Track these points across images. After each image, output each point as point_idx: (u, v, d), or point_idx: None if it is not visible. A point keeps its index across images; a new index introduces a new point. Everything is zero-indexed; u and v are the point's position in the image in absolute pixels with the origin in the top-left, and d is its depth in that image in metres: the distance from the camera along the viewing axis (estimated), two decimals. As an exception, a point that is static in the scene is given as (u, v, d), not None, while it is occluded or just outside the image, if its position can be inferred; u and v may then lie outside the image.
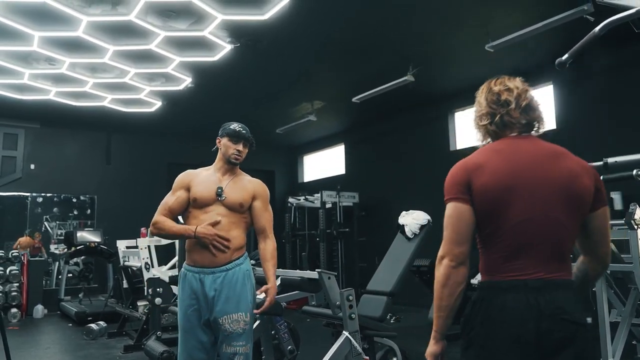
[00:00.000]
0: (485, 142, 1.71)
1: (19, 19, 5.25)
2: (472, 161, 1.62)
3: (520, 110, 1.66)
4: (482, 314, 1.50)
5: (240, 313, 2.51)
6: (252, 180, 2.74)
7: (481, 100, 1.74)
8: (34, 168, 9.19)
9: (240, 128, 2.67)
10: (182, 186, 2.62)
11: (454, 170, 1.63)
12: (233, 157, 2.63)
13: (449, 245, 1.54)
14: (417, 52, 6.42)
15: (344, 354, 2.67)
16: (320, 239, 8.93)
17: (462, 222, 1.54)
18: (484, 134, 1.71)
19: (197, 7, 5.02)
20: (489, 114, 1.68)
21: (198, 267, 2.53)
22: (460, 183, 1.58)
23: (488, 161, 1.58)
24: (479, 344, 1.50)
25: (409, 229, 3.64)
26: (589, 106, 6.47)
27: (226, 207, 2.56)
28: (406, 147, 9.15)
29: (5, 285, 7.89)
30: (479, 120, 1.71)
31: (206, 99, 7.99)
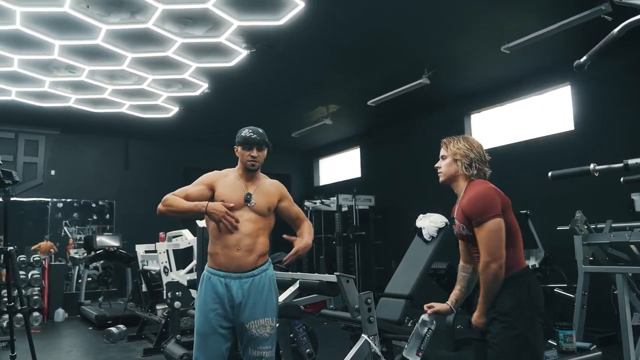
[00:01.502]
0: (470, 174, 2.31)
1: (41, 29, 5.37)
2: (494, 187, 2.25)
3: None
4: (532, 290, 2.16)
5: (267, 318, 2.54)
6: (273, 183, 2.77)
7: (480, 151, 2.37)
8: (55, 174, 9.36)
9: (250, 133, 2.65)
10: (207, 183, 2.64)
11: (491, 192, 2.20)
12: (249, 164, 2.64)
13: (498, 252, 2.10)
14: (432, 55, 6.40)
15: (363, 357, 2.67)
16: (337, 242, 8.94)
17: (503, 233, 2.13)
18: (475, 171, 2.31)
19: (214, 14, 5.08)
20: (485, 162, 2.35)
21: (223, 271, 2.54)
22: (498, 203, 2.16)
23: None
24: (531, 313, 2.09)
25: (426, 232, 3.63)
26: (608, 107, 6.38)
27: (255, 212, 2.59)
28: (422, 150, 9.07)
29: (28, 289, 8.03)
30: (481, 164, 2.33)
31: (222, 104, 8.07)
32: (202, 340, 2.54)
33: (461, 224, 2.29)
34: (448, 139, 2.46)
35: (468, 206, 2.22)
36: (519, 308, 2.10)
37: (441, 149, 2.48)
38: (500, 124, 7.98)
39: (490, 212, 2.13)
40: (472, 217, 2.19)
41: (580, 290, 4.27)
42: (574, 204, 4.75)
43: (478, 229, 2.17)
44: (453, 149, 2.37)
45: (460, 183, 2.37)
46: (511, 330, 2.07)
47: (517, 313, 2.08)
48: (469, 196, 2.25)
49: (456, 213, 2.35)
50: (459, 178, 2.36)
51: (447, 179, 2.40)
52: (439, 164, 2.46)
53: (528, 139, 7.32)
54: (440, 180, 2.45)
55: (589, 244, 4.29)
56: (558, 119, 7.02)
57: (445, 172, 2.40)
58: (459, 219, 2.31)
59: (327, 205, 9.49)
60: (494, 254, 2.10)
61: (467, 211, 2.22)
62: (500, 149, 7.70)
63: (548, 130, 7.10)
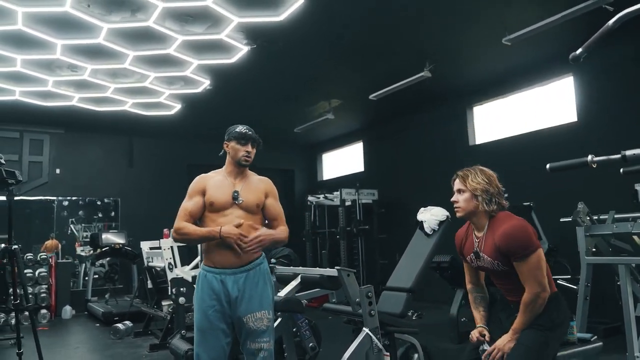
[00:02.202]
0: (491, 209, 2.34)
1: (43, 28, 5.39)
2: (522, 219, 2.32)
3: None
4: (562, 312, 2.33)
5: (263, 311, 2.58)
6: (262, 179, 2.82)
7: (498, 184, 2.39)
8: (60, 172, 9.41)
9: (246, 130, 2.73)
10: (198, 191, 2.67)
11: (526, 225, 2.28)
12: (243, 159, 2.69)
13: (544, 281, 2.21)
14: (433, 48, 6.39)
15: (364, 351, 2.69)
16: (341, 236, 8.96)
17: (544, 261, 2.25)
18: (496, 206, 2.34)
19: (214, 11, 5.09)
20: (502, 194, 2.38)
21: (218, 268, 2.58)
22: (534, 232, 2.26)
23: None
24: (562, 329, 2.33)
25: (427, 225, 3.64)
26: (611, 97, 6.35)
27: (244, 209, 2.63)
28: (425, 143, 9.11)
29: (35, 287, 8.11)
30: (500, 198, 2.36)
31: (224, 100, 8.09)
32: (202, 336, 2.59)
33: (496, 261, 2.31)
34: (464, 171, 2.44)
35: (506, 244, 2.23)
36: (553, 328, 2.25)
37: (456, 181, 2.45)
38: (503, 116, 7.96)
39: (531, 245, 2.20)
40: (513, 253, 2.22)
41: (583, 281, 4.28)
42: (577, 196, 4.75)
43: (521, 262, 2.21)
44: (472, 184, 2.35)
45: (481, 218, 2.38)
46: (544, 343, 2.21)
47: (551, 332, 2.24)
48: (503, 233, 2.25)
49: (485, 249, 2.35)
50: (479, 214, 2.37)
51: (465, 214, 2.41)
52: (456, 198, 2.43)
53: (531, 131, 7.30)
54: (458, 215, 2.45)
55: (592, 235, 4.29)
56: (561, 111, 7.00)
57: (464, 208, 2.39)
58: (491, 256, 2.32)
59: (331, 200, 9.50)
60: (542, 284, 2.21)
61: (505, 247, 2.24)
62: (503, 141, 7.69)
63: (551, 122, 7.07)
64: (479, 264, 2.41)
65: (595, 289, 4.84)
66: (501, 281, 2.41)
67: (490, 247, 2.31)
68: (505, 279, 2.36)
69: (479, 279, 2.58)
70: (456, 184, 2.44)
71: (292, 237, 9.28)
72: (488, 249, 2.32)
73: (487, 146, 7.98)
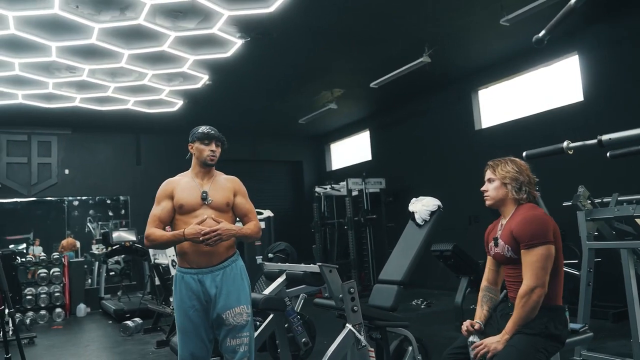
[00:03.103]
0: (520, 197, 2.29)
1: (35, 31, 5.42)
2: (547, 214, 2.24)
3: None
4: (563, 326, 2.22)
5: (242, 306, 2.59)
6: (229, 178, 2.81)
7: (529, 174, 2.34)
8: (69, 173, 9.51)
9: (209, 129, 2.74)
10: (166, 196, 2.67)
11: (547, 218, 2.20)
12: (209, 159, 2.69)
13: (544, 278, 2.12)
14: (431, 32, 6.25)
15: (347, 347, 2.66)
16: (349, 227, 8.91)
17: (552, 261, 2.15)
18: (525, 195, 2.29)
19: (202, 5, 5.04)
20: (534, 184, 2.32)
21: (195, 268, 2.59)
22: (551, 230, 2.16)
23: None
24: (555, 342, 2.19)
25: (418, 216, 3.57)
26: (618, 75, 6.13)
27: (213, 209, 2.64)
28: (431, 129, 8.98)
29: (50, 287, 8.26)
30: (530, 187, 2.31)
31: (225, 94, 8.06)
32: (185, 337, 2.61)
33: (507, 245, 2.27)
34: (494, 161, 2.42)
35: (519, 228, 2.21)
36: (547, 336, 2.15)
37: (487, 172, 2.44)
38: (509, 99, 7.78)
39: (543, 237, 2.14)
40: (522, 239, 2.18)
41: (586, 267, 4.16)
42: (586, 178, 4.61)
43: (527, 251, 2.17)
44: (502, 172, 2.34)
45: (509, 207, 2.36)
46: (536, 350, 2.11)
47: (543, 340, 2.13)
48: (521, 218, 2.23)
49: (502, 234, 2.33)
50: (507, 202, 2.35)
51: (495, 202, 2.38)
52: (486, 187, 2.42)
53: (537, 113, 7.12)
54: (487, 204, 2.42)
55: (594, 220, 4.16)
56: (568, 91, 6.80)
57: (493, 196, 2.37)
58: (505, 240, 2.29)
59: (338, 190, 9.45)
60: (542, 279, 2.12)
61: (517, 233, 2.21)
62: (510, 124, 7.52)
63: (557, 103, 6.88)
64: (495, 251, 2.37)
65: (606, 273, 4.72)
66: (509, 272, 2.35)
67: (507, 232, 2.28)
68: (512, 270, 2.31)
69: (497, 280, 2.50)
70: (487, 174, 2.43)
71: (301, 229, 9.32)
72: (505, 233, 2.30)
73: (493, 130, 7.81)
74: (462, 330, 2.35)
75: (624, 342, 4.06)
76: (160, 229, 2.64)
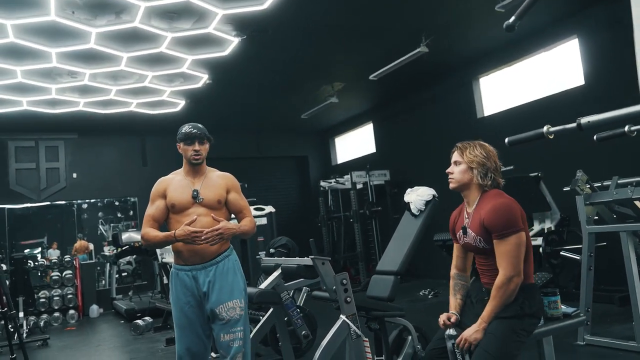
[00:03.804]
0: (485, 183, 2.29)
1: (34, 39, 5.49)
2: (514, 200, 2.22)
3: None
4: (537, 303, 2.24)
5: (235, 300, 2.62)
6: (222, 175, 2.83)
7: (496, 160, 2.32)
8: (77, 176, 9.65)
9: (190, 128, 2.74)
10: (159, 195, 2.72)
11: (515, 205, 2.19)
12: (192, 158, 2.72)
13: (520, 266, 2.14)
14: (428, 22, 6.22)
15: (341, 338, 2.69)
16: (354, 219, 8.93)
17: (524, 247, 2.16)
18: (490, 182, 2.29)
19: (196, 6, 5.08)
20: (499, 171, 2.32)
21: (189, 265, 2.63)
22: (520, 217, 2.17)
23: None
24: (531, 320, 2.21)
25: (414, 206, 3.57)
26: (618, 56, 6.04)
27: (205, 207, 2.67)
28: (434, 119, 8.95)
29: (63, 289, 8.40)
30: (496, 174, 2.31)
31: (226, 92, 8.11)
32: (182, 333, 2.66)
33: (478, 237, 2.26)
34: (463, 144, 2.40)
35: (490, 218, 2.19)
36: (523, 318, 2.17)
37: (454, 153, 2.42)
38: (511, 86, 7.72)
39: (514, 225, 2.14)
40: (495, 229, 2.18)
41: (586, 251, 4.15)
42: (590, 163, 4.58)
43: (501, 241, 2.16)
44: (469, 156, 2.32)
45: (473, 192, 2.35)
46: (513, 332, 2.13)
47: (519, 321, 2.15)
48: (491, 208, 2.21)
49: (471, 224, 2.31)
50: (472, 187, 2.34)
51: (459, 186, 2.38)
52: (452, 169, 2.40)
53: (539, 98, 7.06)
54: (451, 186, 2.41)
55: (593, 204, 4.15)
56: (569, 75, 6.74)
57: (458, 179, 2.36)
58: (475, 231, 2.28)
59: (342, 184, 9.47)
60: (517, 267, 2.13)
61: (489, 223, 2.20)
62: (512, 111, 7.47)
63: (559, 87, 6.83)
64: (465, 241, 2.36)
65: (611, 257, 4.70)
66: (481, 260, 2.35)
67: (477, 222, 2.26)
68: (484, 259, 2.31)
69: (466, 266, 2.49)
70: (454, 155, 2.41)
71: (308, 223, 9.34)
72: (474, 224, 2.28)
73: (495, 117, 7.77)
74: (439, 323, 2.35)
75: (630, 325, 4.04)
76: (155, 228, 2.68)
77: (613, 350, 3.93)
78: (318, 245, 9.56)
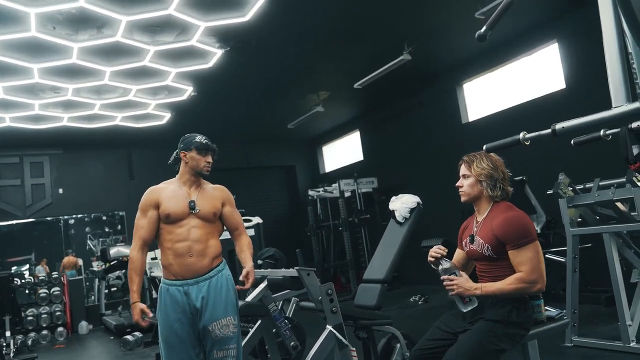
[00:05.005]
0: (495, 194, 2.34)
1: (16, 54, 5.46)
2: (526, 215, 2.30)
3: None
4: (527, 317, 2.27)
5: (228, 317, 2.57)
6: (217, 187, 2.79)
7: (504, 170, 2.36)
8: (63, 192, 9.55)
9: (206, 140, 2.72)
10: (151, 205, 2.64)
11: (527, 219, 2.26)
12: (205, 170, 2.69)
13: (543, 273, 2.18)
14: (409, 30, 6.29)
15: (328, 349, 2.69)
16: (343, 228, 8.94)
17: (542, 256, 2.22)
18: (500, 192, 2.34)
19: (178, 19, 5.08)
20: (508, 180, 2.36)
21: (180, 279, 2.56)
22: (533, 229, 2.24)
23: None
24: (516, 330, 2.22)
25: (398, 214, 3.59)
26: (598, 60, 6.11)
27: (200, 218, 2.62)
28: (419, 126, 9.02)
29: (51, 306, 8.29)
30: (505, 183, 2.35)
31: (212, 104, 8.10)
32: (170, 350, 2.58)
33: (486, 245, 2.29)
34: (470, 156, 2.43)
35: (503, 230, 2.23)
36: (508, 325, 2.19)
37: (462, 167, 2.45)
38: (494, 91, 7.81)
39: (531, 235, 2.19)
40: (510, 240, 2.21)
41: (571, 253, 4.19)
42: (572, 165, 4.62)
43: (519, 250, 2.18)
44: (477, 169, 2.36)
45: (484, 203, 2.40)
46: (493, 336, 2.15)
47: (504, 327, 2.18)
48: (503, 220, 2.25)
49: (480, 232, 2.35)
50: (482, 198, 2.39)
51: (470, 199, 2.42)
52: (461, 183, 2.44)
53: (521, 103, 7.15)
54: (463, 200, 2.45)
55: (576, 206, 4.20)
56: (550, 79, 6.83)
57: (468, 193, 2.41)
58: (484, 239, 2.31)
59: (330, 192, 9.48)
60: (540, 273, 2.17)
61: (502, 235, 2.23)
62: (495, 116, 7.55)
63: (541, 91, 6.92)
64: (471, 248, 2.39)
65: (597, 258, 4.74)
66: (483, 267, 2.38)
67: (487, 232, 2.30)
68: (487, 265, 2.35)
69: (465, 270, 2.53)
70: (462, 169, 2.45)
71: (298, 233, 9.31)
72: (484, 232, 2.32)
73: (479, 122, 7.85)
74: (429, 258, 2.36)
75: (616, 325, 4.08)
76: (144, 250, 2.67)
77: (600, 350, 3.96)
78: (307, 254, 9.57)
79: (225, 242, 2.77)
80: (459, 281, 2.24)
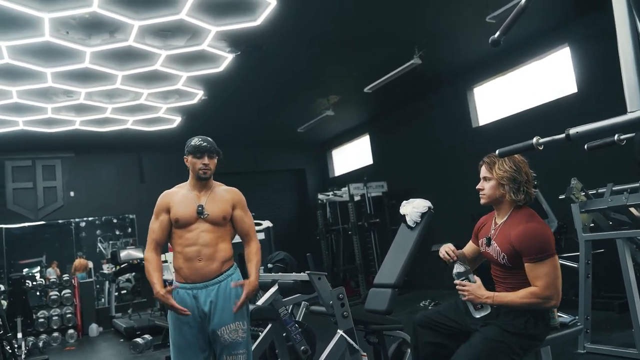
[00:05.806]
0: (518, 199, 2.25)
1: (30, 59, 5.53)
2: (547, 226, 2.25)
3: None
4: (541, 329, 2.21)
5: (237, 322, 2.57)
6: (228, 190, 2.77)
7: (527, 171, 2.27)
8: (74, 195, 9.63)
9: (200, 142, 2.69)
10: (163, 209, 2.67)
11: (548, 231, 2.18)
12: (202, 172, 2.66)
13: (559, 288, 2.13)
14: (420, 34, 6.28)
15: (339, 353, 2.68)
16: (353, 232, 8.92)
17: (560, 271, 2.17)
18: (523, 195, 2.25)
19: (189, 24, 5.12)
20: (531, 182, 2.28)
21: (190, 283, 2.58)
22: (553, 242, 2.16)
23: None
24: (530, 343, 2.20)
25: (409, 218, 3.58)
26: (610, 63, 6.06)
27: (210, 222, 2.61)
28: (429, 130, 8.99)
29: (61, 308, 8.35)
30: (528, 186, 2.26)
31: (222, 108, 8.14)
32: (179, 353, 2.59)
33: (503, 253, 2.23)
34: (491, 158, 2.33)
35: (523, 243, 2.15)
36: (522, 336, 2.14)
37: (482, 168, 2.37)
38: (505, 95, 7.77)
39: (550, 250, 2.12)
40: (528, 253, 2.14)
41: (583, 259, 4.15)
42: (585, 170, 4.58)
43: (537, 264, 2.12)
44: (499, 172, 2.26)
45: (505, 206, 2.32)
46: (507, 348, 2.11)
47: (518, 339, 2.14)
48: (523, 230, 2.17)
49: (497, 238, 2.28)
50: (504, 202, 2.30)
51: (491, 201, 2.34)
52: (482, 186, 2.36)
53: (533, 107, 7.11)
54: (482, 202, 2.37)
55: (588, 211, 4.15)
56: (562, 83, 6.79)
57: (490, 195, 2.32)
58: (501, 247, 2.25)
59: (340, 196, 9.47)
60: (558, 292, 2.12)
61: (520, 247, 2.16)
62: (506, 120, 7.51)
63: (552, 96, 6.87)
64: (486, 250, 2.34)
65: (610, 264, 4.69)
66: (498, 273, 2.34)
67: (504, 239, 2.23)
68: (503, 272, 2.30)
69: (473, 264, 2.52)
70: (482, 171, 2.36)
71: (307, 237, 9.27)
72: (501, 239, 2.25)
73: (490, 127, 7.81)
74: (440, 254, 2.38)
75: (630, 332, 4.03)
76: (158, 252, 2.68)
77: (613, 357, 3.91)
78: (317, 258, 9.57)
79: (235, 246, 2.76)
80: (472, 288, 2.20)
